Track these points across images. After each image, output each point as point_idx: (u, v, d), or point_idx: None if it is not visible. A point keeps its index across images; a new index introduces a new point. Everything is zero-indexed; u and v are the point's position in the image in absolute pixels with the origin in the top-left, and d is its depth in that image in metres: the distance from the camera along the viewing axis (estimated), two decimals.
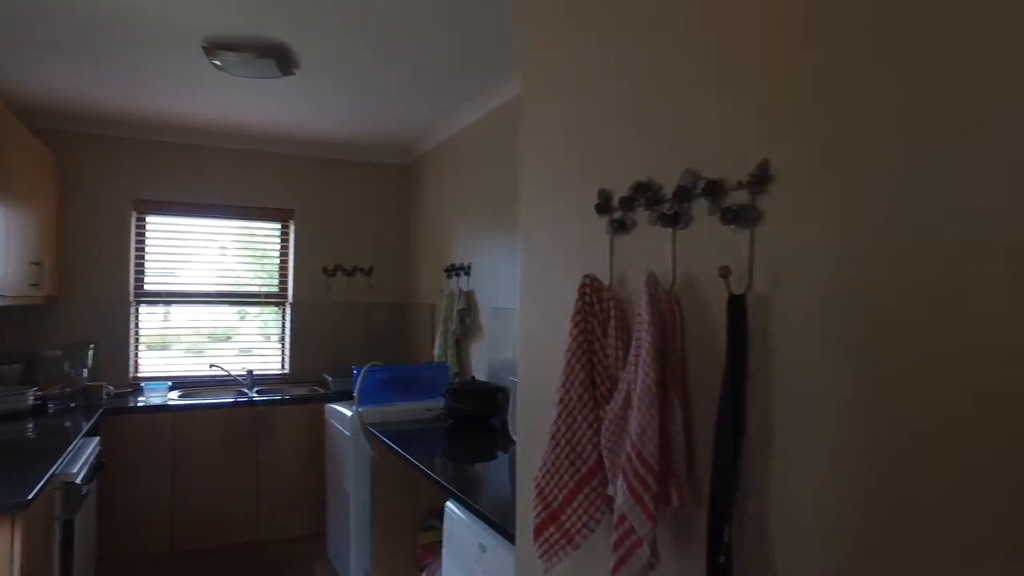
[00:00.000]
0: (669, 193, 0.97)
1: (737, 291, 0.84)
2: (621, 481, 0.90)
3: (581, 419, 1.01)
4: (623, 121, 1.09)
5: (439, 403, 3.14)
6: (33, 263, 3.08)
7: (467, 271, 3.63)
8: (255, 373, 4.04)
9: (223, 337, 4.23)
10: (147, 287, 4.00)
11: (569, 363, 1.02)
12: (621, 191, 1.07)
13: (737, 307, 0.83)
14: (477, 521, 1.88)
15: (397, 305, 4.60)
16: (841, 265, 0.74)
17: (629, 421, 0.91)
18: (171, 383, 3.85)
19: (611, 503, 0.97)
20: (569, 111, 1.24)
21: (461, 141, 3.74)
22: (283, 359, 4.33)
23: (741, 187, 0.85)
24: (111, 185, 3.86)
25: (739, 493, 0.85)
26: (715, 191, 0.89)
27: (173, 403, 3.56)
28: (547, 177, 1.31)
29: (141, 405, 3.48)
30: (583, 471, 1.02)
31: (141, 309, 4.00)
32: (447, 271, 3.81)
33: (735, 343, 0.83)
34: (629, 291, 1.05)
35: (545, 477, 1.05)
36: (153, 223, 4.03)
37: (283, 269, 4.35)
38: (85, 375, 3.58)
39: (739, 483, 0.84)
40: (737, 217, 0.85)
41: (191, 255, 4.13)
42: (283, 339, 4.33)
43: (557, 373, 1.05)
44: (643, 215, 1.03)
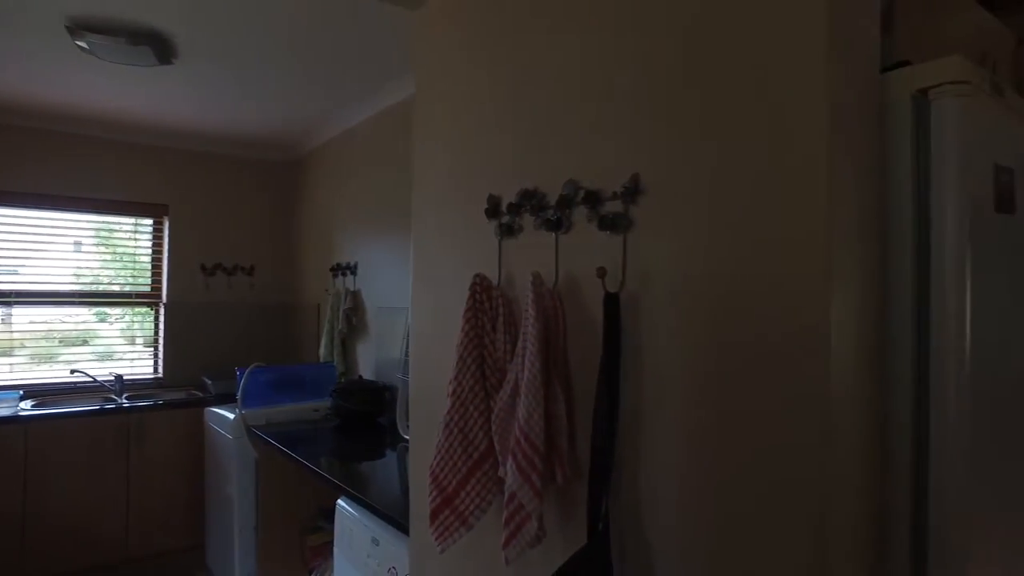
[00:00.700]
0: (553, 201, 1.07)
1: (612, 290, 0.95)
2: (511, 463, 0.98)
3: (473, 408, 1.09)
4: (513, 132, 1.18)
5: (326, 403, 3.11)
6: None
7: (354, 270, 3.60)
8: (124, 378, 3.79)
9: (78, 341, 3.92)
10: None
11: (461, 357, 1.10)
12: (510, 197, 1.16)
13: (612, 304, 0.94)
14: (369, 516, 1.92)
15: (281, 305, 4.47)
16: (698, 267, 0.87)
17: (517, 408, 1.00)
18: (22, 392, 3.52)
19: (502, 485, 1.06)
20: (462, 118, 1.32)
21: (348, 140, 3.71)
22: (156, 363, 4.08)
23: (616, 197, 0.97)
24: None
25: (614, 469, 0.96)
26: (593, 200, 1.00)
27: (25, 414, 3.26)
28: (439, 180, 1.38)
29: None
30: (475, 456, 1.10)
31: None
32: (333, 270, 3.77)
33: (610, 336, 0.94)
34: (516, 290, 1.14)
35: (440, 464, 1.11)
36: None
37: (156, 268, 4.10)
38: None
39: (614, 460, 0.96)
40: (612, 224, 0.96)
41: (40, 252, 3.78)
42: (156, 342, 4.09)
43: (448, 368, 1.13)
44: (529, 220, 1.12)
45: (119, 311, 4.08)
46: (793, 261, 0.76)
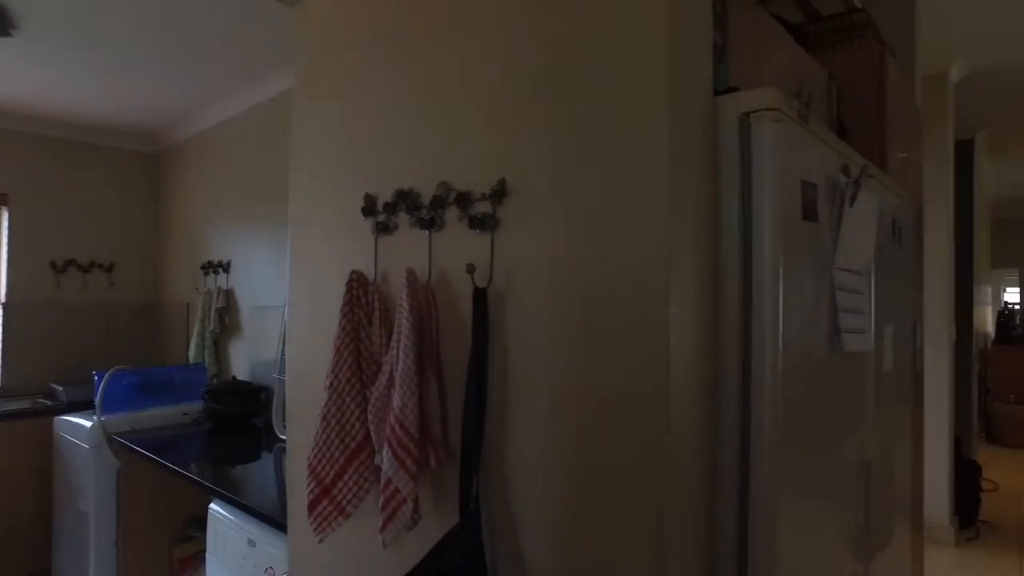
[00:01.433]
0: (427, 201, 1.13)
1: (481, 285, 1.02)
2: (386, 450, 1.03)
3: (350, 400, 1.12)
4: (389, 133, 1.23)
5: (197, 406, 2.98)
6: None
7: (227, 268, 3.47)
8: None
9: None
10: None
11: (338, 351, 1.13)
12: (386, 196, 1.21)
13: (480, 299, 1.01)
14: (245, 517, 1.88)
15: (145, 305, 4.19)
16: (557, 263, 0.96)
17: (392, 398, 1.05)
18: None
19: (379, 473, 1.10)
20: (340, 117, 1.34)
21: (221, 133, 3.55)
22: None
23: (484, 199, 1.04)
24: None
25: (483, 452, 1.04)
26: (464, 201, 1.06)
27: None
28: (317, 178, 1.40)
29: None
30: (352, 446, 1.13)
31: None
32: (205, 268, 3.60)
33: (478, 328, 1.01)
34: (391, 286, 1.19)
35: (317, 456, 1.14)
36: None
37: None
38: None
39: (483, 444, 1.03)
40: (481, 223, 1.04)
41: None
42: None
43: (326, 364, 1.15)
44: (404, 219, 1.17)
45: None
46: (638, 258, 0.87)
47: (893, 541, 1.61)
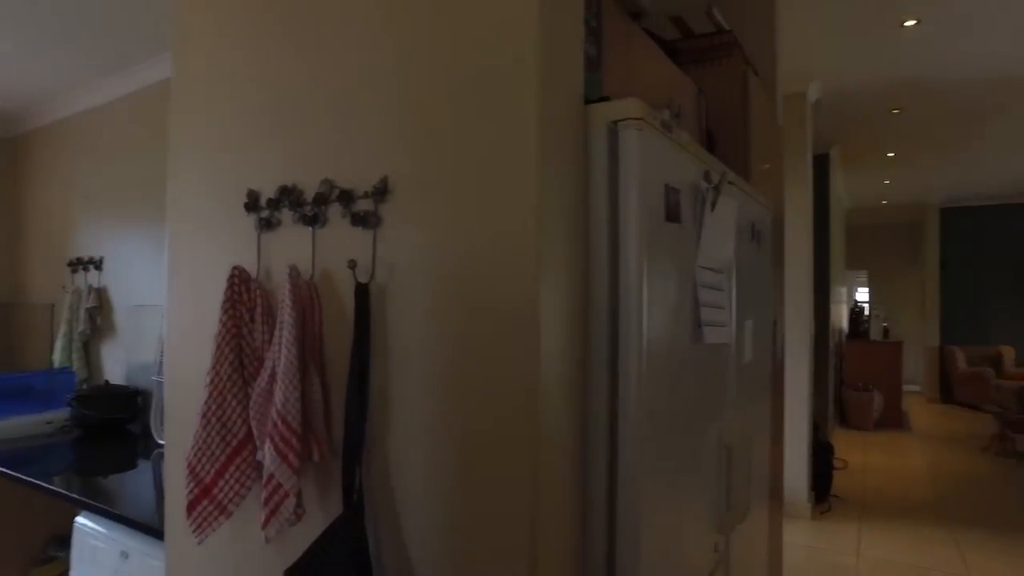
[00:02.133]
0: (310, 197, 1.13)
1: (363, 281, 1.04)
2: (268, 445, 1.03)
3: (231, 397, 1.11)
4: (273, 128, 1.22)
5: (63, 413, 2.77)
6: None
7: (98, 265, 3.24)
8: None
9: None
10: None
11: (219, 347, 1.11)
12: (269, 192, 1.20)
13: (362, 294, 1.03)
14: (118, 529, 1.78)
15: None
16: (436, 259, 1.00)
17: (274, 393, 1.05)
18: None
19: (261, 470, 1.09)
20: (222, 109, 1.31)
21: (90, 120, 3.31)
22: None
23: (367, 196, 1.06)
24: None
25: (366, 444, 1.06)
26: (347, 198, 1.08)
27: None
28: (197, 171, 1.36)
29: None
30: (234, 444, 1.12)
31: None
32: (73, 265, 3.34)
33: (360, 323, 1.03)
34: (274, 282, 1.19)
35: (196, 455, 1.12)
36: None
37: None
38: None
39: (365, 436, 1.05)
40: (363, 220, 1.06)
41: None
42: None
43: (207, 362, 1.13)
44: (288, 215, 1.17)
45: None
46: (510, 256, 0.92)
47: (752, 515, 1.77)
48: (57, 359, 3.24)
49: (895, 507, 4.36)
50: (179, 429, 1.36)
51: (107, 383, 3.04)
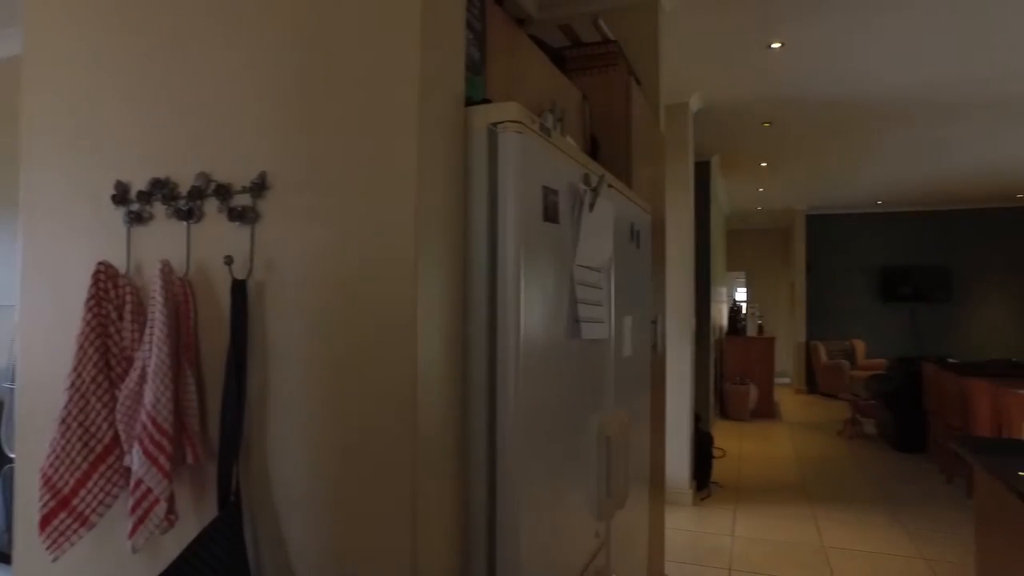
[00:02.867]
0: (185, 191, 1.09)
1: (240, 277, 1.02)
2: (137, 448, 0.98)
3: (95, 400, 1.05)
4: (143, 117, 1.16)
5: None
6: None
7: None
8: None
9: None
10: None
11: (82, 347, 1.05)
12: (140, 185, 1.14)
13: (239, 290, 1.01)
14: None
15: None
16: (314, 256, 0.99)
17: (144, 394, 1.00)
18: None
19: (128, 476, 1.04)
20: (85, 93, 1.23)
21: None
22: None
23: (245, 191, 1.04)
24: None
25: (243, 444, 1.03)
26: (224, 193, 1.05)
27: None
28: (58, 159, 1.26)
29: None
30: (98, 450, 1.06)
31: None
32: None
33: (237, 320, 1.01)
34: (145, 278, 1.13)
35: (53, 465, 1.04)
36: None
37: None
38: None
39: (243, 436, 1.03)
40: (241, 216, 1.03)
41: None
42: None
43: (67, 365, 1.06)
44: (160, 209, 1.12)
45: None
46: (388, 253, 0.94)
47: (632, 502, 1.87)
48: None
49: (766, 490, 4.72)
50: (33, 440, 1.26)
51: None
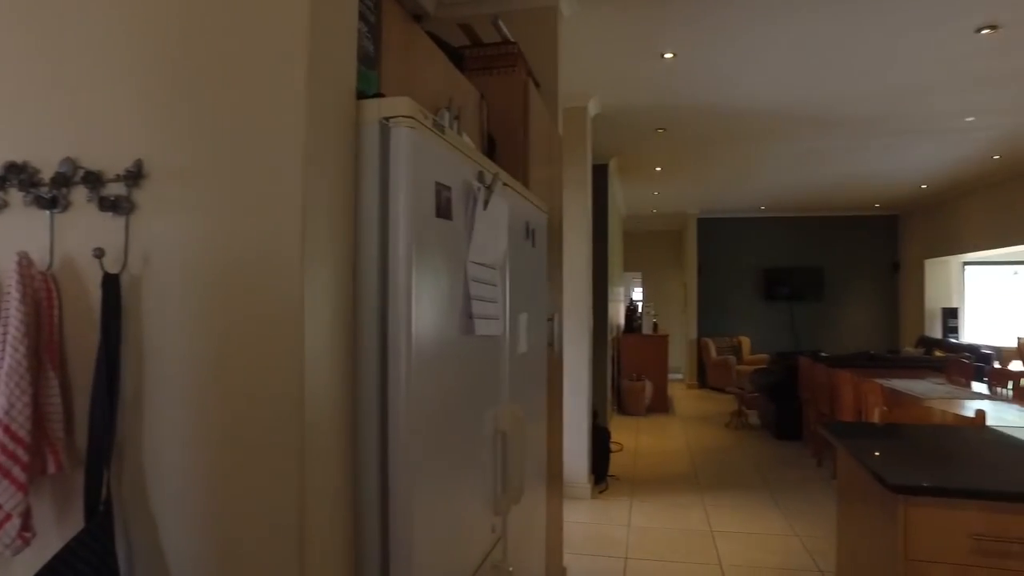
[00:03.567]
0: (48, 177, 1.01)
1: (112, 271, 0.96)
2: None
3: None
4: None
5: None
6: None
7: None
8: None
9: None
10: None
11: None
12: None
13: (111, 285, 0.95)
14: None
15: None
16: (197, 250, 0.95)
17: None
18: None
19: None
20: None
21: None
22: None
23: (119, 180, 0.98)
24: None
25: (115, 449, 0.97)
26: (94, 181, 0.98)
27: None
28: None
29: None
30: None
31: None
32: None
33: (109, 317, 0.95)
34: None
35: None
36: None
37: None
38: None
39: (114, 441, 0.97)
40: (114, 206, 0.97)
41: None
42: None
43: None
44: (17, 196, 1.03)
45: None
46: (274, 247, 0.91)
47: (529, 497, 1.91)
48: None
49: (660, 481, 4.94)
50: None
51: None
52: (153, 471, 0.97)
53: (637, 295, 11.47)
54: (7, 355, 0.91)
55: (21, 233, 1.04)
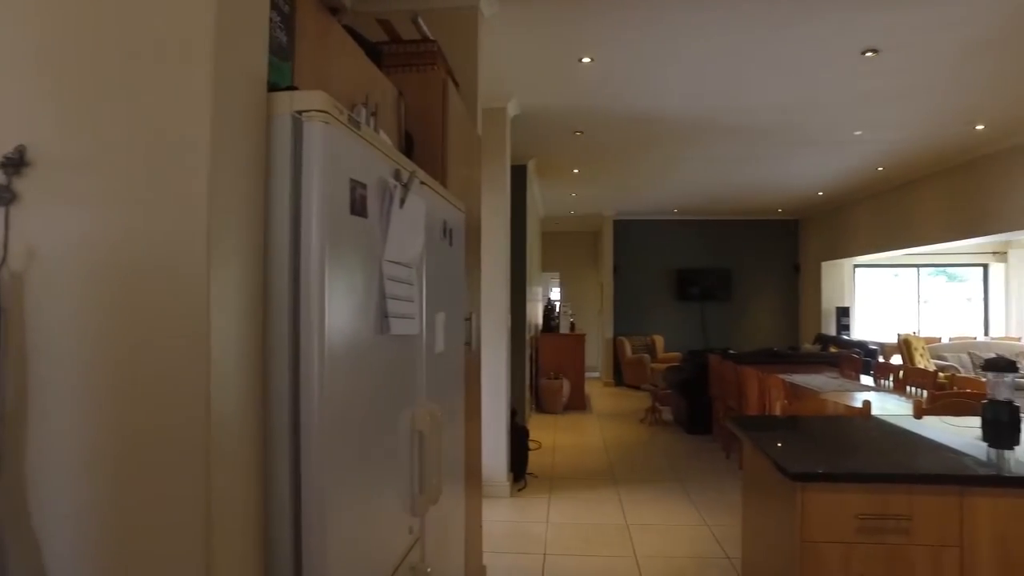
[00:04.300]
0: None
1: None
2: None
3: None
4: None
5: None
6: None
7: None
8: None
9: None
10: None
11: None
12: None
13: None
14: None
15: None
16: (90, 246, 0.89)
17: None
18: None
19: None
20: None
21: None
22: None
23: None
24: None
25: None
26: None
27: None
28: None
29: None
30: None
31: None
32: None
33: None
34: None
35: None
36: None
37: None
38: None
39: None
40: None
41: None
42: None
43: None
44: None
45: None
46: (177, 243, 0.87)
47: (447, 496, 1.90)
48: None
49: (577, 477, 5.04)
50: None
51: None
52: (36, 486, 0.90)
53: (555, 295, 11.66)
54: None
55: None
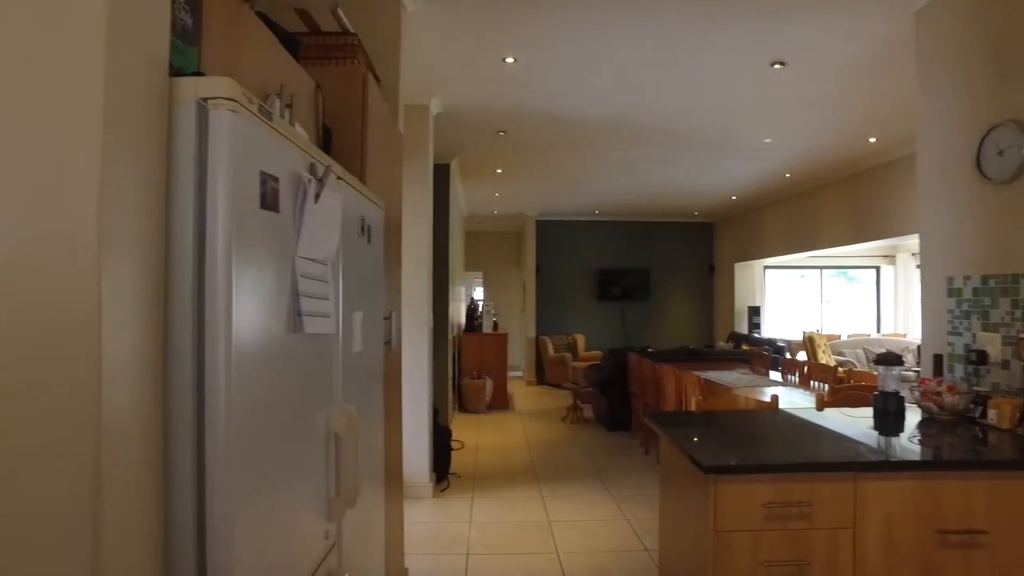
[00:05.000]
0: None
1: None
2: None
3: None
4: None
5: None
6: None
7: None
8: None
9: None
10: None
11: None
12: None
13: None
14: None
15: None
16: None
17: None
18: None
19: None
20: None
21: None
22: None
23: None
24: None
25: None
26: None
27: None
28: None
29: None
30: None
31: None
32: None
33: None
34: None
35: None
36: None
37: None
38: None
39: None
40: None
41: None
42: None
43: None
44: None
45: None
46: (65, 241, 0.80)
47: (365, 499, 1.85)
48: None
49: (500, 476, 5.06)
50: None
51: None
52: None
53: (478, 294, 11.66)
54: None
55: None
